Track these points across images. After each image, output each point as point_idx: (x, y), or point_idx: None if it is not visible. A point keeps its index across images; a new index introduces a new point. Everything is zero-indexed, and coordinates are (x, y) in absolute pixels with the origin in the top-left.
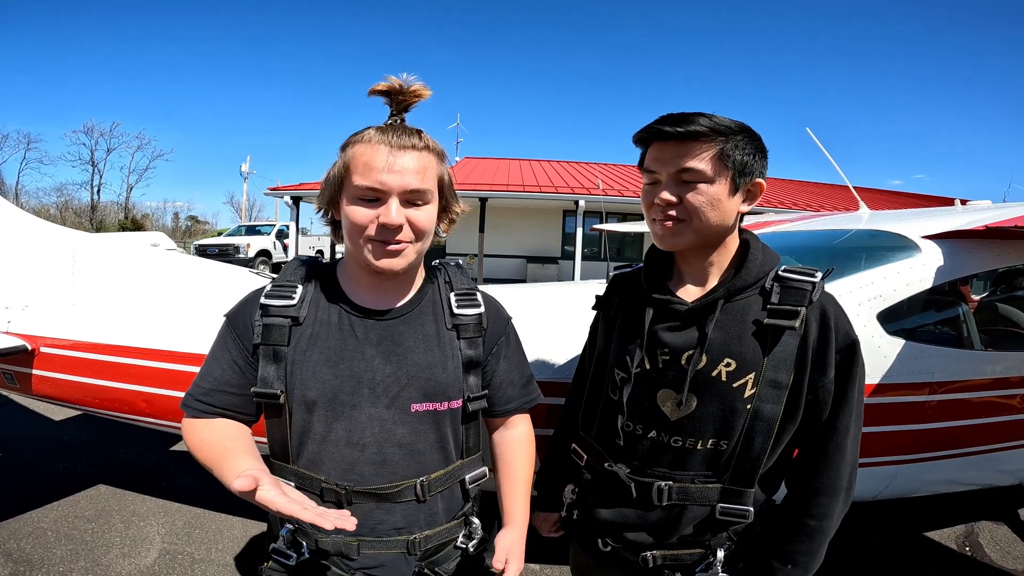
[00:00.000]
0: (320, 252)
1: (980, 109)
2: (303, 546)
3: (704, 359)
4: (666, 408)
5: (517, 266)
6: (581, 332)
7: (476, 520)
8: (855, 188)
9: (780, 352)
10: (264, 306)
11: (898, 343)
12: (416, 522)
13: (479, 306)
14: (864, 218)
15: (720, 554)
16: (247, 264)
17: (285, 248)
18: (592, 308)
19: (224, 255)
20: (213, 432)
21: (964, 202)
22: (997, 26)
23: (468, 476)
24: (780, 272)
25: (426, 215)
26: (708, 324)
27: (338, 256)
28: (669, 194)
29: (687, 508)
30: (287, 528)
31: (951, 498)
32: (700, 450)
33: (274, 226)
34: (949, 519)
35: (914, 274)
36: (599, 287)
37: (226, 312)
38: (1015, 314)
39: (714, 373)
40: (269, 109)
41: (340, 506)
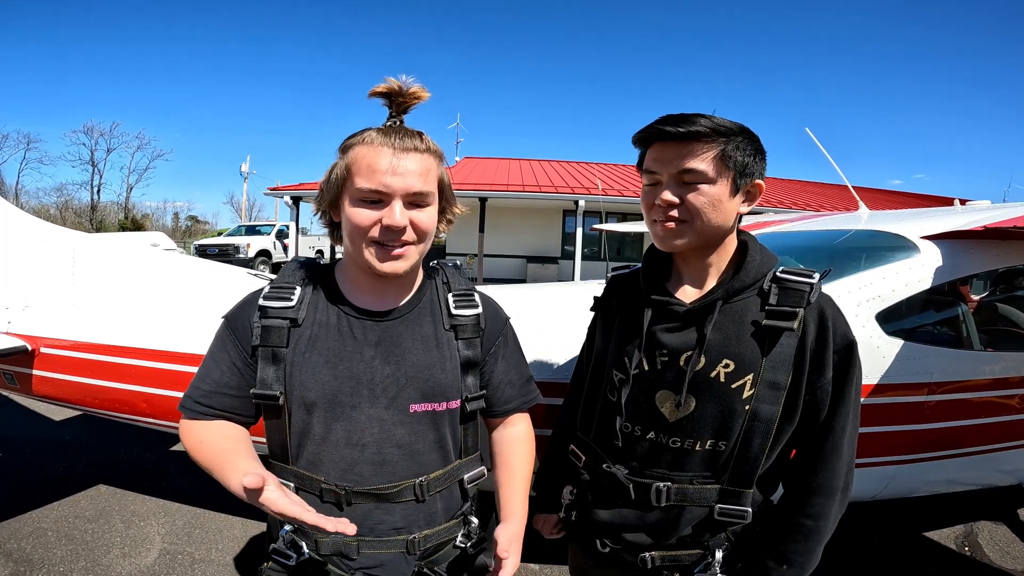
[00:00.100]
0: (320, 252)
1: (980, 109)
2: (303, 546)
3: (703, 360)
4: (665, 409)
5: (517, 266)
6: (581, 332)
7: (475, 519)
8: (855, 188)
9: (778, 353)
10: (263, 308)
11: (897, 343)
12: (415, 522)
13: (477, 307)
14: (863, 218)
15: (718, 555)
16: (247, 264)
17: (285, 248)
18: (590, 309)
19: (224, 255)
20: (211, 434)
21: (964, 202)
22: (997, 26)
23: (467, 476)
24: (778, 273)
25: (428, 216)
26: (707, 325)
27: (338, 257)
28: (670, 195)
29: (686, 509)
30: (287, 528)
31: (950, 498)
32: (698, 451)
33: (274, 226)
34: (948, 519)
35: (913, 274)
36: (599, 287)
37: (224, 314)
38: (1015, 314)
39: (713, 374)
40: (269, 109)
41: (340, 506)
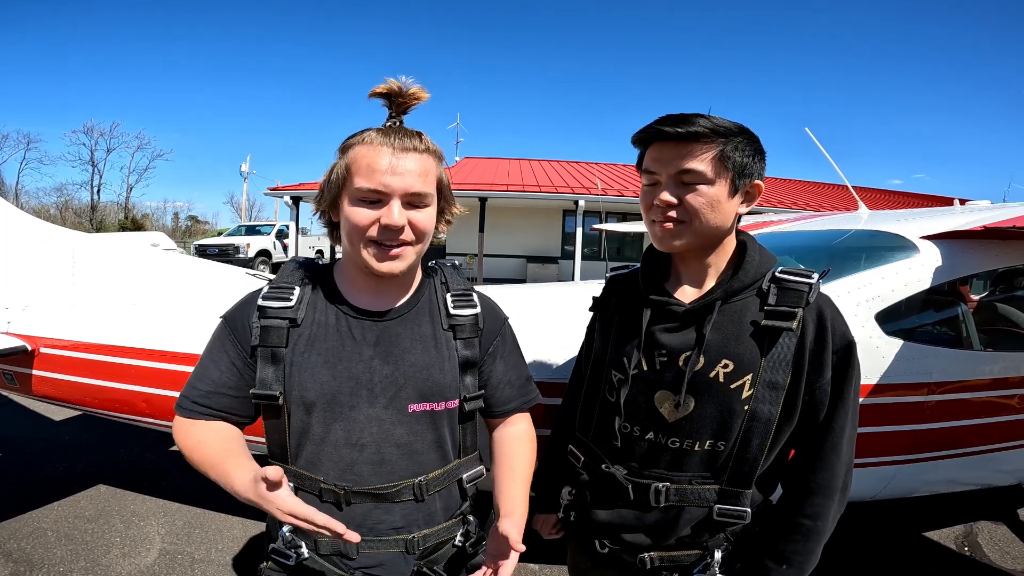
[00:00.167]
0: (320, 252)
1: (981, 109)
2: (302, 546)
3: (702, 360)
4: (664, 409)
5: (517, 266)
6: (580, 332)
7: (473, 519)
8: (855, 188)
9: (777, 353)
10: (262, 308)
11: (896, 343)
12: (415, 521)
13: (475, 306)
14: (863, 218)
15: (718, 555)
16: (247, 264)
17: (285, 248)
18: (589, 310)
19: (224, 255)
20: (209, 433)
21: (963, 202)
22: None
23: (465, 475)
24: (777, 273)
25: (426, 217)
26: (706, 325)
27: (338, 257)
28: (669, 195)
29: (685, 509)
30: (286, 529)
31: (950, 498)
32: (698, 451)
33: (274, 226)
34: (948, 519)
35: (912, 274)
36: (598, 287)
37: (223, 314)
38: (1014, 314)
39: (712, 374)
40: (269, 109)
41: (339, 506)
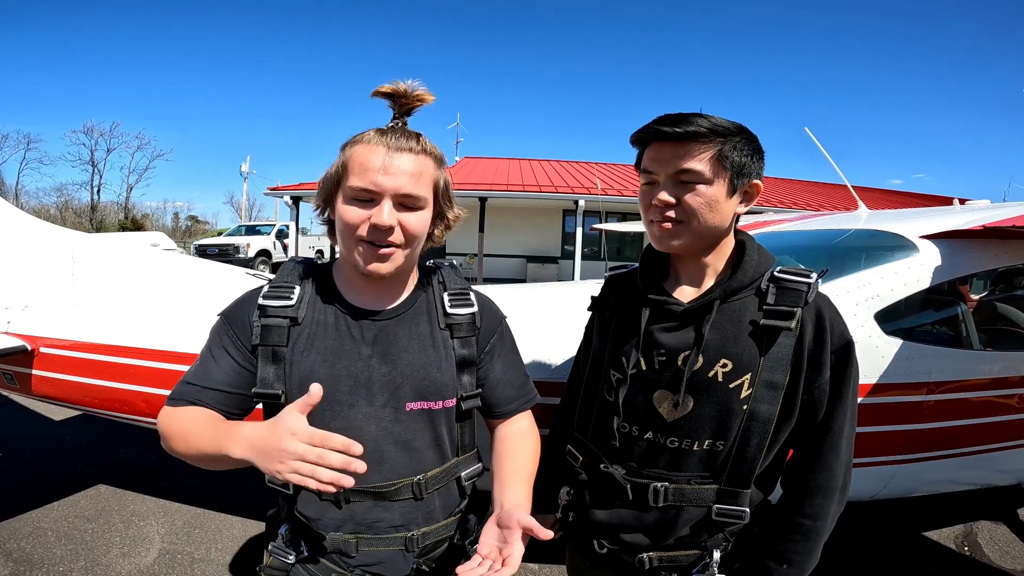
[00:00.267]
0: (320, 252)
1: (981, 109)
2: (301, 545)
3: (700, 360)
4: (662, 409)
5: (517, 266)
6: (579, 332)
7: (473, 516)
8: (854, 188)
9: (776, 353)
10: (262, 307)
11: (896, 343)
12: (414, 519)
13: (472, 305)
14: (863, 218)
15: (716, 555)
16: (247, 264)
17: (285, 248)
18: (587, 309)
19: (224, 255)
20: (197, 413)
21: (963, 202)
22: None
23: (464, 473)
24: (776, 273)
25: (418, 219)
26: (704, 325)
27: (337, 256)
28: (667, 195)
29: (683, 509)
30: (286, 527)
31: (950, 498)
32: (696, 451)
33: (274, 226)
34: (948, 519)
35: (912, 274)
36: (597, 287)
37: (222, 311)
38: (1014, 314)
39: (711, 374)
40: (269, 109)
41: (338, 504)
